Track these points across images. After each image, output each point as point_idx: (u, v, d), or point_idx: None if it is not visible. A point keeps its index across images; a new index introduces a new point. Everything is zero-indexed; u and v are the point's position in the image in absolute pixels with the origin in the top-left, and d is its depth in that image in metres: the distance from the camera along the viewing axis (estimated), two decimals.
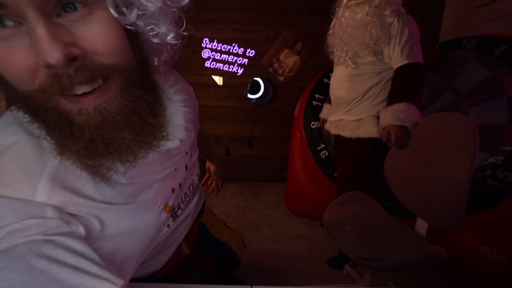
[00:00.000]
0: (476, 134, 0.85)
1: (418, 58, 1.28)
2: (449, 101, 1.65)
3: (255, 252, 1.70)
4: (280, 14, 2.68)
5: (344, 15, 1.38)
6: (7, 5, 0.27)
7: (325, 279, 1.48)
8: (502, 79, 1.46)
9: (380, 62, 1.34)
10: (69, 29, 0.31)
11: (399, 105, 1.24)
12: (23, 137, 0.36)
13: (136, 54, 0.38)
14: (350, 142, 1.46)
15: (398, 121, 1.22)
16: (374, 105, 1.38)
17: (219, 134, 2.96)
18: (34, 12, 0.28)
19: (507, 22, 2.00)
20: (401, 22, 1.27)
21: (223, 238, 1.01)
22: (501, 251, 1.30)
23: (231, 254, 1.00)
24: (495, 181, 1.33)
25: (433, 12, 2.64)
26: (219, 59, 2.76)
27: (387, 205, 1.73)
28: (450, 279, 1.48)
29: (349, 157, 1.47)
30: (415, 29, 1.29)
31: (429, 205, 0.99)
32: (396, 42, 1.28)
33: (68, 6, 0.31)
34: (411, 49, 1.27)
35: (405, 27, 1.26)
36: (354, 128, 1.43)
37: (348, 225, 1.08)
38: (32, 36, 0.29)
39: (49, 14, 0.30)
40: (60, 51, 0.29)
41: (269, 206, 2.42)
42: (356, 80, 1.40)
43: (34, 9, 0.28)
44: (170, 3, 0.40)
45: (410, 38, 1.26)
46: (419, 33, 1.31)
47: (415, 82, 1.26)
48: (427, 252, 0.84)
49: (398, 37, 1.27)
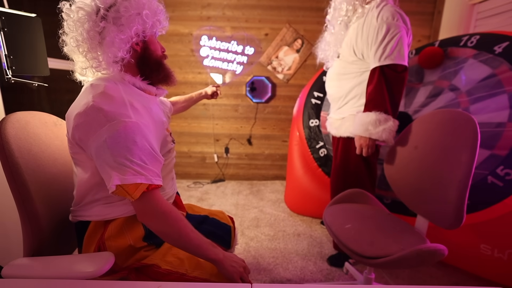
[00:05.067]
0: (477, 131, 0.85)
1: (397, 58, 1.18)
2: (449, 99, 1.64)
3: (255, 250, 1.70)
4: (279, 12, 2.67)
5: (333, 15, 1.41)
6: None
7: (325, 277, 1.48)
8: (503, 76, 1.45)
9: (363, 62, 1.32)
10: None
11: (368, 115, 1.22)
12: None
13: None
14: (338, 140, 1.47)
15: (366, 133, 1.22)
16: (358, 105, 1.36)
17: (219, 132, 2.95)
18: None
19: (507, 19, 1.99)
20: (379, 20, 1.19)
21: (203, 213, 1.00)
22: (502, 249, 1.30)
23: (217, 223, 0.98)
24: (496, 179, 1.32)
25: (433, 9, 2.63)
26: (218, 57, 2.75)
27: (387, 202, 1.73)
28: (450, 277, 1.48)
29: (337, 156, 1.48)
30: (397, 25, 1.18)
31: (429, 202, 0.98)
32: (372, 41, 1.21)
33: None
34: (385, 49, 1.18)
35: (383, 25, 1.18)
36: (338, 126, 1.45)
37: (348, 223, 1.07)
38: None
39: None
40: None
41: (268, 204, 2.42)
42: (342, 79, 1.40)
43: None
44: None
45: (386, 37, 1.18)
46: (405, 30, 1.21)
47: (388, 86, 1.20)
48: (427, 249, 0.83)
49: (374, 36, 1.20)
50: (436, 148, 1.00)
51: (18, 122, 0.69)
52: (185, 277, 0.70)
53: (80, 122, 0.62)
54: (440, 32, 2.62)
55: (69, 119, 0.66)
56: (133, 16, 0.68)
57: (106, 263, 0.61)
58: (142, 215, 0.65)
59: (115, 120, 0.61)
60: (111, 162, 0.60)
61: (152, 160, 0.65)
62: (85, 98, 0.64)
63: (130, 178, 0.60)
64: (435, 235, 1.25)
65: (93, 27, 0.67)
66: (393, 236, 0.99)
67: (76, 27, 0.68)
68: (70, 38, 0.69)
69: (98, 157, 0.61)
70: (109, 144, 0.59)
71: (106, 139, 0.59)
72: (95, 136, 0.60)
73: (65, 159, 0.82)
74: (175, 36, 2.71)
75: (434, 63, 1.76)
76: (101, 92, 0.64)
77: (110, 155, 0.60)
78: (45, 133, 0.77)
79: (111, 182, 0.59)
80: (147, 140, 0.65)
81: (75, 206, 0.74)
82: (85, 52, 0.69)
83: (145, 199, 0.63)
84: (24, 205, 0.65)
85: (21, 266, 0.62)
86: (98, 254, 0.67)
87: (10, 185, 0.65)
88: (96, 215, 0.72)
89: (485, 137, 1.39)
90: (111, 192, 0.60)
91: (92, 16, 0.67)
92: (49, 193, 0.73)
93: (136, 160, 0.61)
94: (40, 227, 0.67)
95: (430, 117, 1.09)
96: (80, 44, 0.69)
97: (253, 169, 3.06)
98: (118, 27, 0.67)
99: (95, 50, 0.69)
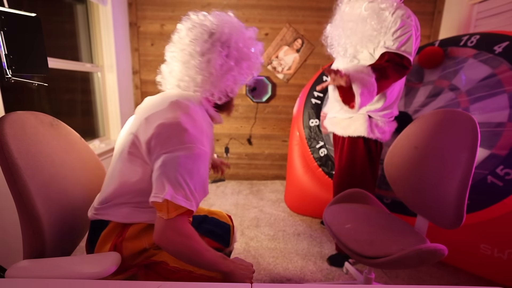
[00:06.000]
0: (477, 131, 0.85)
1: (403, 51, 1.24)
2: (449, 99, 1.64)
3: (255, 250, 1.70)
4: (279, 12, 2.67)
5: (345, 10, 1.37)
6: None
7: (325, 276, 1.48)
8: (503, 76, 1.45)
9: (373, 59, 1.32)
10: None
11: (366, 67, 1.22)
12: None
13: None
14: (343, 140, 1.46)
15: (353, 74, 1.19)
16: (368, 104, 1.35)
17: (218, 132, 2.95)
18: None
19: (507, 19, 1.99)
20: (395, 16, 1.24)
21: (202, 213, 1.01)
22: (502, 249, 1.30)
23: (216, 222, 0.99)
24: (496, 178, 1.32)
25: (433, 9, 2.63)
26: None
27: (387, 202, 1.73)
28: (450, 277, 1.48)
29: (342, 156, 1.47)
30: (410, 24, 1.24)
31: (429, 202, 0.98)
32: (385, 32, 1.26)
33: None
34: (395, 41, 1.24)
35: (398, 20, 1.24)
36: (346, 126, 1.43)
37: (348, 223, 1.07)
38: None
39: None
40: None
41: (268, 204, 2.42)
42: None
43: None
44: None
45: (398, 31, 1.23)
46: (416, 31, 1.27)
47: (389, 66, 1.22)
48: (427, 249, 0.83)
49: (388, 31, 1.25)
50: (436, 148, 1.00)
51: (16, 122, 0.68)
52: (193, 274, 0.72)
53: (162, 132, 0.65)
54: (440, 32, 2.62)
55: (149, 122, 0.68)
56: (253, 65, 0.78)
57: (112, 264, 0.61)
58: (160, 237, 0.64)
59: (194, 144, 0.65)
60: (171, 177, 0.62)
61: (201, 190, 0.68)
62: (171, 112, 0.68)
63: (180, 199, 0.62)
64: (435, 235, 1.25)
65: (218, 55, 0.72)
66: (393, 236, 0.99)
67: (195, 44, 0.72)
68: (182, 49, 0.73)
69: (161, 166, 0.64)
70: (179, 162, 0.63)
71: (180, 156, 0.63)
72: (170, 149, 0.64)
73: (63, 159, 0.81)
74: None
75: (434, 63, 1.76)
76: (188, 114, 0.69)
77: (174, 171, 0.63)
78: (42, 133, 0.77)
79: (162, 194, 0.61)
80: (205, 171, 0.69)
81: (102, 204, 0.74)
82: (197, 69, 0.72)
83: (175, 219, 0.64)
84: (25, 207, 0.65)
85: (25, 268, 0.62)
86: (104, 254, 0.67)
87: (10, 187, 0.64)
88: (122, 216, 0.72)
89: (485, 137, 1.39)
90: (154, 201, 0.62)
91: (216, 44, 0.72)
92: (48, 195, 0.72)
93: (191, 186, 0.65)
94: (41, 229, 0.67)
95: (430, 117, 1.09)
96: (193, 60, 0.72)
97: (253, 169, 3.06)
98: (239, 70, 0.75)
99: (209, 76, 0.73)
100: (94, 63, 2.37)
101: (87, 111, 2.40)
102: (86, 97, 2.37)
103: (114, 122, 2.57)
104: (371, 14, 1.27)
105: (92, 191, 0.89)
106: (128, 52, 2.70)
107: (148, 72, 2.79)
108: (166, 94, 0.77)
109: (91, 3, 2.26)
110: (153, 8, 2.66)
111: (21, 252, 0.69)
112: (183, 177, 0.63)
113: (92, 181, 0.91)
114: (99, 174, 0.95)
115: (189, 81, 0.74)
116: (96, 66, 2.37)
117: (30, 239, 0.67)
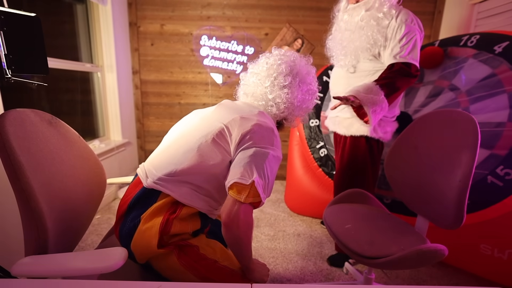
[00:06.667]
0: (477, 131, 0.85)
1: (411, 58, 1.24)
2: (449, 99, 1.64)
3: (255, 250, 1.70)
4: (279, 11, 2.67)
5: (342, 19, 1.38)
6: None
7: (325, 277, 1.48)
8: (503, 76, 1.45)
9: (377, 61, 1.33)
10: None
11: (375, 86, 1.22)
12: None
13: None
14: (345, 139, 1.45)
15: (355, 93, 1.21)
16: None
17: None
18: None
19: (507, 19, 1.99)
20: (398, 21, 1.24)
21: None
22: (502, 249, 1.30)
23: (219, 223, 0.98)
24: (496, 179, 1.32)
25: (434, 9, 2.63)
26: (218, 57, 2.75)
27: (387, 202, 1.73)
28: (450, 277, 1.48)
29: (344, 155, 1.47)
30: (414, 28, 1.25)
31: (429, 202, 0.98)
32: (390, 40, 1.26)
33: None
34: (402, 48, 1.24)
35: (402, 25, 1.24)
36: (348, 125, 1.43)
37: (348, 223, 1.07)
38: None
39: None
40: None
41: (268, 204, 2.41)
42: (353, 77, 1.39)
43: None
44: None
45: (404, 37, 1.23)
46: (420, 33, 1.27)
47: (398, 78, 1.24)
48: (427, 249, 0.83)
49: (393, 37, 1.25)
50: (436, 148, 1.00)
51: (16, 120, 0.69)
52: (217, 264, 0.77)
53: (258, 131, 0.76)
54: (440, 31, 2.62)
55: (246, 120, 0.78)
56: (315, 96, 0.98)
57: (120, 259, 0.62)
58: (232, 217, 0.69)
59: (278, 149, 0.80)
60: (260, 166, 0.71)
61: (271, 188, 0.77)
62: (263, 118, 0.81)
63: (261, 188, 0.70)
64: (435, 235, 1.25)
65: (297, 89, 0.90)
66: (393, 236, 0.99)
67: (279, 78, 0.88)
68: (270, 77, 0.88)
69: (252, 156, 0.72)
70: (268, 157, 0.74)
71: (270, 153, 0.75)
72: (262, 145, 0.75)
73: (62, 157, 0.81)
74: (175, 35, 2.71)
75: (434, 62, 1.76)
76: (271, 124, 0.83)
77: (263, 162, 0.72)
78: (42, 131, 0.77)
79: (250, 178, 0.68)
80: (276, 174, 0.80)
81: (169, 176, 0.76)
82: (282, 99, 0.89)
83: (248, 206, 0.70)
84: (29, 204, 0.65)
85: (31, 264, 0.62)
86: (110, 249, 0.67)
87: (13, 184, 0.64)
88: (182, 195, 0.76)
89: (485, 137, 1.39)
90: (239, 182, 0.68)
91: (296, 80, 0.89)
92: (49, 192, 0.72)
93: (270, 181, 0.74)
94: (45, 225, 0.67)
95: (430, 117, 1.09)
96: (279, 91, 0.88)
97: None
98: (309, 102, 0.95)
99: (291, 105, 0.91)
100: (94, 63, 2.37)
101: (87, 111, 2.40)
102: (86, 97, 2.37)
103: (114, 122, 2.56)
104: (369, 24, 1.27)
105: (91, 189, 0.89)
106: (128, 52, 2.70)
107: (148, 72, 2.79)
108: (249, 104, 0.91)
109: (91, 3, 2.26)
110: (153, 8, 2.66)
111: (21, 252, 0.69)
112: (267, 171, 0.72)
113: (92, 179, 0.91)
114: (98, 172, 0.95)
115: (273, 105, 0.90)
116: (96, 66, 2.37)
117: (34, 236, 0.66)
